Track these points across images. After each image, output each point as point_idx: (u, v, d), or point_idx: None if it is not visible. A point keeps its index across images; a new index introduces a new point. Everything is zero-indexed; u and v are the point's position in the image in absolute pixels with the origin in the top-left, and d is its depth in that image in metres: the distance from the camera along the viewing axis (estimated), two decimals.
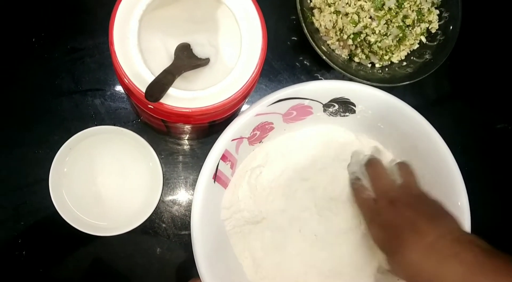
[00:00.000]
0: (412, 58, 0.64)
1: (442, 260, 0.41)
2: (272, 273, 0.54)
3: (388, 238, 0.47)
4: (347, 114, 0.55)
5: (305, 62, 0.68)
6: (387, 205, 0.49)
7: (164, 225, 0.62)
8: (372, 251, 0.55)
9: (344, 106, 0.54)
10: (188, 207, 0.63)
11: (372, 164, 0.54)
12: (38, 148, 0.61)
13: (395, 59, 0.64)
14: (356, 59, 0.64)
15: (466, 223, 0.52)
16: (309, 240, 0.56)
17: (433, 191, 0.53)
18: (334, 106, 0.54)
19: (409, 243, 0.44)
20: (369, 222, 0.51)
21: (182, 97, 0.45)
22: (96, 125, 0.61)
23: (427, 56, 0.63)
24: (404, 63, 0.64)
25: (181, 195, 0.63)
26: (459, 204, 0.52)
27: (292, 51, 0.68)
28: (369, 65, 0.64)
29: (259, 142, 0.55)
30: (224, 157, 0.51)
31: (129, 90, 0.45)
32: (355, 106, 0.54)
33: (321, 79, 0.67)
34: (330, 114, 0.55)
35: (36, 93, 0.63)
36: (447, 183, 0.52)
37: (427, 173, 0.54)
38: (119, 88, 0.63)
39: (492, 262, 0.40)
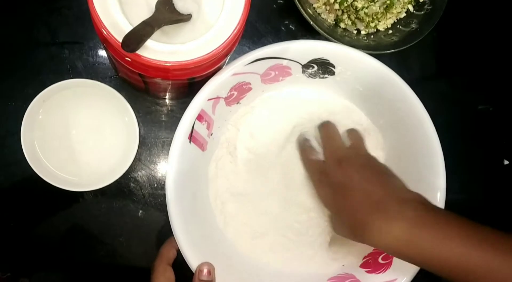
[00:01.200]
0: (398, 26, 0.63)
1: (388, 218, 0.43)
2: (243, 229, 0.54)
3: (334, 197, 0.49)
4: (326, 76, 0.54)
5: (290, 26, 0.66)
6: (335, 165, 0.49)
7: (139, 185, 0.61)
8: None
9: (323, 67, 0.53)
10: (165, 167, 0.62)
11: (325, 126, 0.54)
12: (10, 100, 0.59)
13: (381, 27, 0.63)
14: (342, 25, 0.63)
15: (441, 193, 0.52)
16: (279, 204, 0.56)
17: (408, 155, 0.54)
18: (313, 67, 0.53)
19: (355, 201, 0.46)
20: (316, 183, 0.52)
21: (161, 50, 0.43)
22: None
23: (413, 25, 0.62)
24: (390, 31, 0.63)
25: (157, 155, 0.62)
26: (435, 162, 0.52)
27: (278, 14, 0.66)
28: (355, 32, 0.63)
29: (237, 103, 0.54)
30: (200, 117, 0.50)
31: (106, 41, 0.43)
32: (334, 67, 0.53)
33: None
34: (309, 76, 0.55)
35: (9, 44, 0.60)
36: (423, 146, 0.52)
37: (404, 138, 0.54)
38: (97, 42, 0.61)
39: (434, 217, 0.43)
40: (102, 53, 0.62)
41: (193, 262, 0.49)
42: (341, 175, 0.48)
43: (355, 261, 0.54)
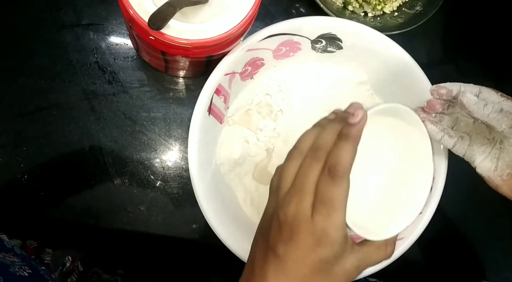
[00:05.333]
0: (403, 9, 0.67)
1: None
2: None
3: None
4: (334, 50, 0.58)
5: (301, 9, 0.70)
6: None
7: (159, 158, 0.65)
8: None
9: (331, 42, 0.57)
10: (183, 141, 0.66)
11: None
12: (40, 77, 0.64)
13: (387, 10, 0.67)
14: (350, 8, 0.67)
15: (442, 173, 0.56)
16: None
17: None
18: (322, 42, 0.57)
19: None
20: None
21: (182, 29, 0.47)
22: (97, 60, 0.64)
23: (417, 8, 0.66)
24: (396, 14, 0.67)
25: (176, 130, 0.66)
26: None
27: None
28: (362, 14, 0.67)
29: (250, 78, 0.58)
30: (217, 91, 0.54)
31: (132, 21, 0.47)
32: (341, 42, 0.57)
33: None
34: (318, 50, 0.58)
35: (38, 25, 0.64)
36: None
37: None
38: (119, 24, 0.65)
39: None
40: (124, 34, 0.66)
41: (216, 225, 0.53)
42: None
43: None
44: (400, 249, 0.55)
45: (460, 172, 0.57)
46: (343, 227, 0.37)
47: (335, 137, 0.39)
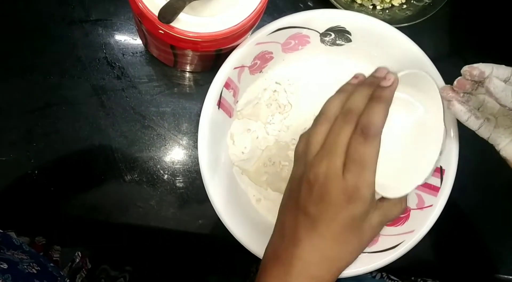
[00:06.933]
0: (412, 1, 0.67)
1: None
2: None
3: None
4: (343, 43, 0.58)
5: (308, 2, 0.70)
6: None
7: (168, 153, 0.65)
8: None
9: (340, 34, 0.57)
10: (192, 136, 0.66)
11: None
12: (49, 74, 0.64)
13: (395, 2, 0.66)
14: (358, 1, 0.66)
15: (452, 165, 0.56)
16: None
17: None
18: (331, 35, 0.57)
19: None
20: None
21: (192, 22, 0.47)
22: (106, 55, 0.64)
23: (426, 0, 0.65)
24: (404, 6, 0.66)
25: (184, 125, 0.66)
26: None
27: None
28: (371, 7, 0.67)
29: (259, 72, 0.59)
30: (227, 85, 0.54)
31: (142, 14, 0.47)
32: (350, 34, 0.57)
33: None
34: (327, 44, 0.58)
35: (47, 21, 0.65)
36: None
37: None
38: (128, 19, 0.65)
39: None
40: (132, 29, 0.66)
41: (226, 219, 0.53)
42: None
43: None
44: (411, 242, 0.55)
45: (472, 164, 0.57)
46: (373, 185, 0.39)
47: (365, 100, 0.40)
